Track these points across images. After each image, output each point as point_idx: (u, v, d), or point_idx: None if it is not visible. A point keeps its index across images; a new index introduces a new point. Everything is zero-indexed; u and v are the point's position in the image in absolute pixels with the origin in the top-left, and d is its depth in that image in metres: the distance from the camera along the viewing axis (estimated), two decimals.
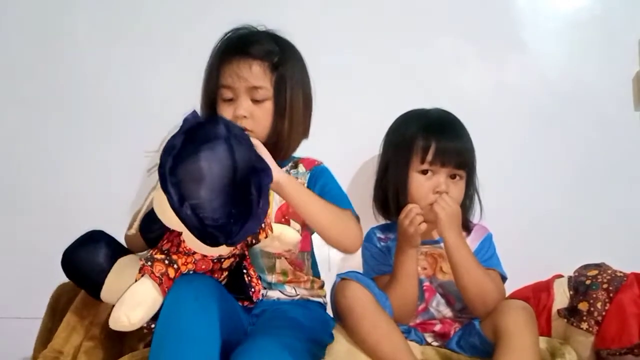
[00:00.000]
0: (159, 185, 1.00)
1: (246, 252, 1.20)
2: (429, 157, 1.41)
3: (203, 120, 1.06)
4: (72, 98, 1.84)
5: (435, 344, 1.40)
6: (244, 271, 1.19)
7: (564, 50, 1.85)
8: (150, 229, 1.15)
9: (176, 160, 0.98)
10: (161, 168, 0.99)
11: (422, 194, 1.42)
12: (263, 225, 1.13)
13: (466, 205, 1.50)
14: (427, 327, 1.41)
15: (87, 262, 1.15)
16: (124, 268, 1.15)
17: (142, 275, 1.07)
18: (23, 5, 1.86)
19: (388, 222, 1.53)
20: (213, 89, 1.34)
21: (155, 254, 1.09)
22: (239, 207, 1.00)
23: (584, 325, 1.34)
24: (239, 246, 1.13)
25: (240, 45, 1.33)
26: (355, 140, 1.61)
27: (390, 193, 1.47)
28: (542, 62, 1.85)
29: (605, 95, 1.81)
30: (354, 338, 1.27)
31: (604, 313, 1.33)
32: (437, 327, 1.40)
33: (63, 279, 1.31)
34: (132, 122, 1.82)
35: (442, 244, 1.42)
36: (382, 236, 1.51)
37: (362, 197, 1.53)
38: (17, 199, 1.84)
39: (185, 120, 1.04)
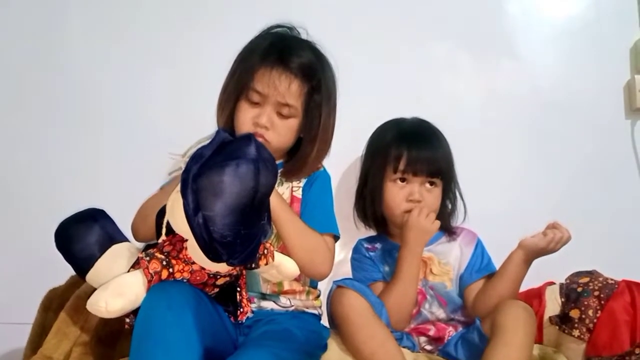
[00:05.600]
0: (178, 187, 1.00)
1: (243, 272, 1.18)
2: (401, 166, 1.43)
3: (236, 137, 1.05)
4: (70, 102, 1.85)
5: (428, 347, 1.40)
6: (238, 289, 1.18)
7: (555, 57, 1.87)
8: (163, 217, 1.13)
9: (202, 169, 0.97)
10: (185, 173, 0.98)
11: (397, 202, 1.44)
12: (265, 251, 1.12)
13: (447, 211, 1.51)
14: (421, 332, 1.41)
15: (79, 240, 1.13)
16: (117, 255, 1.13)
17: (137, 268, 1.07)
18: (21, 9, 1.86)
19: (374, 234, 1.55)
20: (242, 87, 1.29)
21: (156, 252, 1.08)
22: (248, 229, 1.00)
23: (576, 333, 1.34)
24: (237, 267, 1.12)
25: (284, 55, 1.28)
26: (345, 144, 1.61)
27: (368, 201, 1.49)
28: (534, 69, 1.87)
29: (596, 103, 1.83)
30: (348, 347, 1.27)
31: (595, 320, 1.33)
32: (432, 332, 1.40)
33: (55, 284, 1.30)
34: (129, 125, 1.82)
35: (430, 247, 1.45)
36: (369, 246, 1.53)
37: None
38: (13, 204, 1.84)
39: (218, 133, 1.03)
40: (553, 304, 1.41)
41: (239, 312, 1.19)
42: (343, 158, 1.70)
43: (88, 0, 1.87)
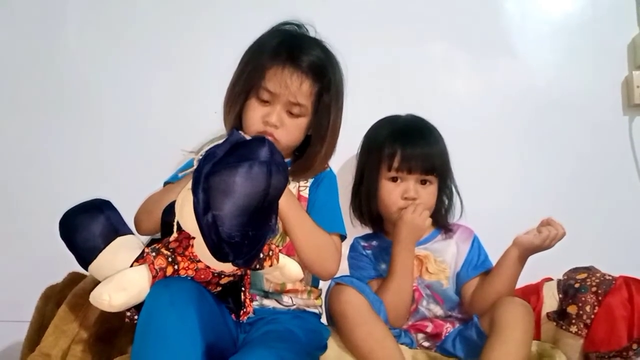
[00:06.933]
0: (188, 185, 1.00)
1: (248, 272, 1.18)
2: (395, 164, 1.43)
3: (250, 138, 1.05)
4: (70, 102, 1.85)
5: (426, 344, 1.40)
6: (242, 289, 1.18)
7: (553, 55, 1.87)
8: (169, 214, 1.12)
9: (214, 168, 0.97)
10: (197, 171, 0.98)
11: (393, 200, 1.44)
12: (271, 253, 1.13)
13: (443, 208, 1.51)
14: (419, 329, 1.41)
15: (83, 230, 1.12)
16: (121, 248, 1.13)
17: (142, 263, 1.07)
18: (20, 9, 1.86)
19: (370, 232, 1.56)
20: (252, 86, 1.29)
21: (162, 248, 1.08)
22: (256, 230, 1.00)
23: (573, 329, 1.34)
24: (242, 268, 1.12)
25: (295, 53, 1.28)
26: (341, 142, 1.61)
27: (364, 199, 1.49)
28: (531, 67, 1.86)
29: (594, 99, 1.83)
30: (347, 344, 1.27)
31: (593, 316, 1.33)
32: (429, 328, 1.40)
33: (54, 281, 1.30)
34: (129, 125, 1.83)
35: (427, 245, 1.46)
36: (366, 244, 1.53)
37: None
38: (13, 204, 1.84)
39: (233, 133, 1.04)
40: (551, 300, 1.41)
41: (241, 311, 1.19)
42: (339, 156, 1.68)
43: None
